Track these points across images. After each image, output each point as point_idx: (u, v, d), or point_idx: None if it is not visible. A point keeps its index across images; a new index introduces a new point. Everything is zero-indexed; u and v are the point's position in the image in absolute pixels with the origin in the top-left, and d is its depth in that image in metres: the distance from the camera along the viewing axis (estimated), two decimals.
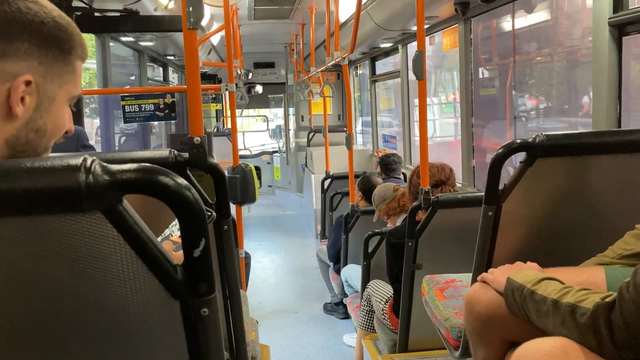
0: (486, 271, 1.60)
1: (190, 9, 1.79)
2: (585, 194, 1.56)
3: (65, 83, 0.88)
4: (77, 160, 0.66)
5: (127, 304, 0.73)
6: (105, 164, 0.67)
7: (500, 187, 1.54)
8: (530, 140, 1.46)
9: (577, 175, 1.53)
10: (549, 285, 1.17)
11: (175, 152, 1.40)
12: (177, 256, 0.75)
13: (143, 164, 0.69)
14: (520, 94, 4.56)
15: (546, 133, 1.46)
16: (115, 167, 0.67)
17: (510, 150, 1.49)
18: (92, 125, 4.84)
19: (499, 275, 1.36)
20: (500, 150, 1.50)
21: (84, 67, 0.94)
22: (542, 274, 1.25)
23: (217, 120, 11.23)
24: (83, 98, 3.72)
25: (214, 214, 1.24)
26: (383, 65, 7.34)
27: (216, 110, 11.01)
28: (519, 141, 1.48)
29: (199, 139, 1.58)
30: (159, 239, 1.22)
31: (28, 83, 0.82)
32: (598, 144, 1.48)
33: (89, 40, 5.51)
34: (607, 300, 1.03)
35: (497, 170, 1.52)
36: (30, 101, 0.83)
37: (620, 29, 2.42)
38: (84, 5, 3.62)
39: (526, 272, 1.27)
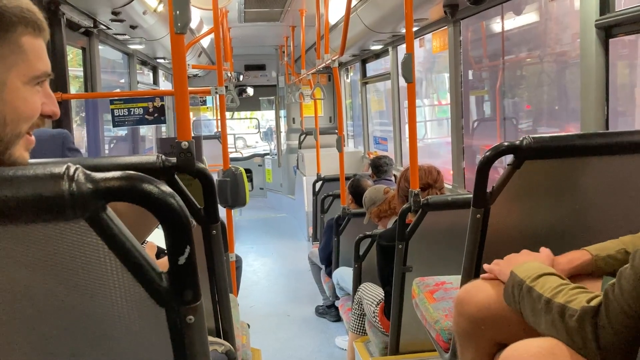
0: (475, 273, 1.61)
1: (178, 12, 1.78)
2: (573, 195, 1.57)
3: (13, 65, 0.81)
4: (60, 169, 0.66)
5: (112, 312, 0.73)
6: (88, 172, 0.67)
7: (489, 189, 1.55)
8: (517, 142, 1.47)
9: (564, 177, 1.54)
10: (547, 282, 1.16)
11: (163, 157, 1.40)
12: (162, 263, 0.75)
13: (127, 171, 0.69)
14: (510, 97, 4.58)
15: (533, 135, 1.47)
16: (98, 175, 0.67)
17: (497, 152, 1.49)
18: (81, 134, 4.80)
19: (504, 266, 1.35)
20: (487, 153, 1.50)
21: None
22: (544, 267, 1.23)
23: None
24: (72, 103, 3.70)
25: (194, 222, 1.23)
26: (374, 71, 7.35)
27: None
28: (506, 144, 1.49)
29: (186, 143, 1.58)
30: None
31: None
32: (585, 146, 1.49)
33: None
34: (592, 303, 1.03)
35: (485, 173, 1.52)
36: None
37: (607, 31, 2.43)
38: (73, 7, 3.60)
39: (530, 265, 1.26)
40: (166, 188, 0.70)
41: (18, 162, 0.85)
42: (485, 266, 1.43)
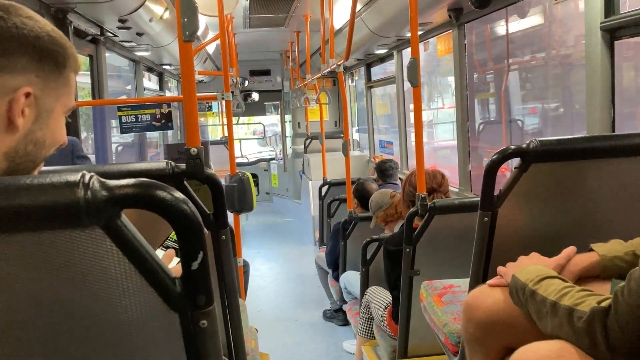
0: (484, 276, 1.61)
1: (186, 20, 1.80)
2: (580, 198, 1.57)
3: (61, 95, 0.90)
4: (75, 177, 0.67)
5: (126, 318, 0.74)
6: (103, 180, 0.68)
7: (496, 192, 1.55)
8: (524, 146, 1.47)
9: (571, 179, 1.54)
10: (550, 285, 1.16)
11: (172, 163, 1.41)
12: (176, 269, 0.76)
13: (140, 179, 0.70)
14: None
15: (540, 139, 1.47)
16: (113, 182, 0.68)
17: (504, 156, 1.50)
18: (87, 142, 4.82)
19: (513, 268, 1.34)
20: (494, 156, 1.51)
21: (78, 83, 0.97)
22: (545, 270, 1.24)
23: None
24: (79, 110, 3.73)
25: (206, 230, 1.26)
26: (377, 75, 7.35)
27: None
28: (513, 147, 1.49)
29: (195, 150, 1.59)
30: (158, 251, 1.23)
31: (27, 95, 0.84)
32: (591, 148, 1.49)
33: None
34: (602, 304, 1.03)
35: (492, 176, 1.53)
36: (30, 113, 0.86)
37: (612, 34, 2.43)
38: (81, 16, 3.63)
39: (530, 269, 1.26)
40: (179, 194, 0.71)
41: None
42: (499, 269, 1.42)
